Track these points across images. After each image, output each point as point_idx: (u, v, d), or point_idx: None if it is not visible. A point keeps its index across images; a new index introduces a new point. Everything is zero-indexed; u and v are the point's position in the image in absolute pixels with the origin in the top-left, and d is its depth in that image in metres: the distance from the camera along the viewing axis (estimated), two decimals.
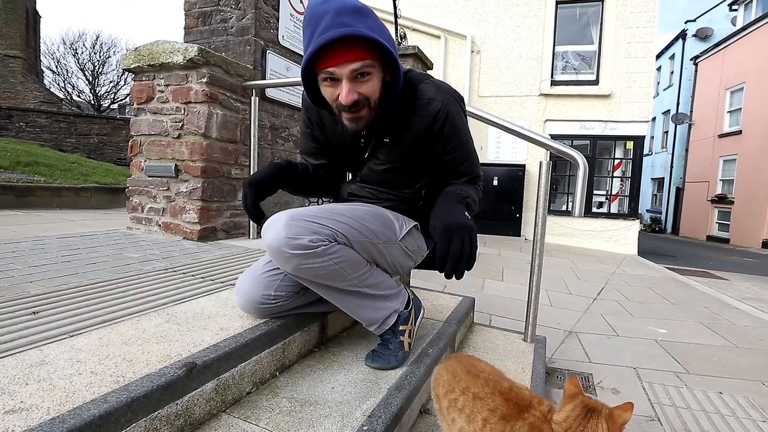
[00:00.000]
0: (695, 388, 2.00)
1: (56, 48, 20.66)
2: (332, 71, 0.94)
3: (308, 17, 0.94)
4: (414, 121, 1.09)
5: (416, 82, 1.10)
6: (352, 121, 1.02)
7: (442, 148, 1.12)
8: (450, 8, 8.43)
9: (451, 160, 1.14)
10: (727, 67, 13.48)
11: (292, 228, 0.94)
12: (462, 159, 1.15)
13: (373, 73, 0.97)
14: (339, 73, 0.94)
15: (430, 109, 1.07)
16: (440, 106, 1.07)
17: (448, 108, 1.08)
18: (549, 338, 2.28)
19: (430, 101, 1.07)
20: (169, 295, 1.28)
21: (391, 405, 0.97)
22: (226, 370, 0.91)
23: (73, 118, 10.94)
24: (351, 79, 0.95)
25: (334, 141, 1.22)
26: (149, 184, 2.42)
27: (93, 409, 0.66)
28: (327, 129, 1.22)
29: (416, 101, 1.08)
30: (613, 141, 8.14)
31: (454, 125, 1.10)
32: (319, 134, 1.25)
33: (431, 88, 1.09)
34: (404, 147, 1.12)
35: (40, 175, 4.46)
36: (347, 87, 0.95)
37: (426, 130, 1.09)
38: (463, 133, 1.14)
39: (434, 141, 1.11)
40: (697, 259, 8.51)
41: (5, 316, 1.03)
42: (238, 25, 2.59)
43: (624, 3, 7.69)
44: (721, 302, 4.01)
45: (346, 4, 0.91)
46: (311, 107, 1.19)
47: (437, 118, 1.07)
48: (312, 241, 0.95)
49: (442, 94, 1.08)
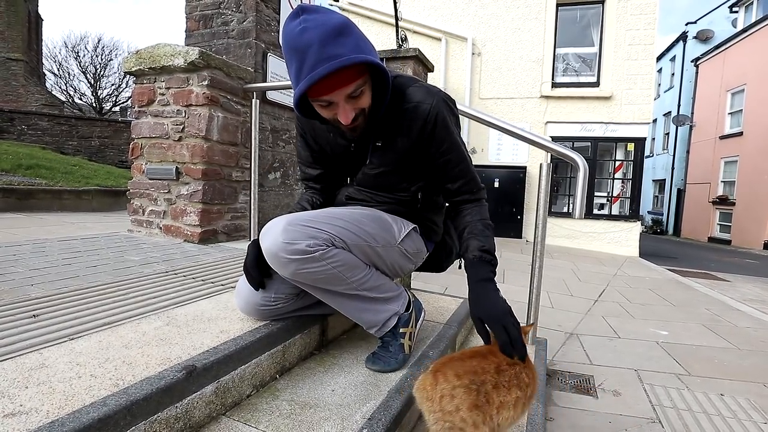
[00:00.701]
0: (696, 390, 1.99)
1: (58, 51, 20.72)
2: (328, 99, 0.94)
3: (289, 49, 0.90)
4: (404, 124, 1.09)
5: (405, 86, 1.10)
6: (350, 131, 1.04)
7: (436, 150, 1.11)
8: (451, 11, 8.45)
9: (446, 162, 1.13)
10: (728, 69, 13.48)
11: (289, 233, 0.94)
12: (457, 160, 1.13)
13: (365, 89, 0.97)
14: (335, 99, 0.94)
15: (419, 111, 1.07)
16: (429, 109, 1.07)
17: (438, 110, 1.07)
18: (550, 340, 2.28)
19: (420, 104, 1.07)
20: (169, 298, 1.28)
21: (391, 408, 0.96)
22: (225, 372, 0.91)
23: (75, 120, 10.96)
24: (347, 101, 0.96)
25: (327, 149, 1.22)
26: (150, 186, 2.42)
27: (92, 412, 0.66)
28: (320, 138, 1.22)
29: (405, 105, 1.08)
30: (614, 143, 8.14)
31: (445, 126, 1.09)
32: (313, 143, 1.25)
33: (420, 91, 1.09)
34: (396, 151, 1.12)
35: (42, 178, 4.47)
36: (344, 109, 0.96)
37: (417, 133, 1.09)
38: (455, 136, 1.13)
39: (426, 144, 1.10)
40: (698, 261, 8.49)
41: (6, 319, 1.03)
42: (239, 28, 2.60)
43: (624, 5, 7.70)
44: (722, 304, 4.00)
45: (327, 30, 0.87)
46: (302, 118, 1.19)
47: (427, 120, 1.07)
48: (309, 246, 0.94)
49: (431, 96, 1.08)
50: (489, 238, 1.11)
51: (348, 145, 1.17)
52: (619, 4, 7.72)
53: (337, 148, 1.20)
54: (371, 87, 1.00)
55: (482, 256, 1.07)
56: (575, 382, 1.99)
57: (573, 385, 1.97)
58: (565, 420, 1.67)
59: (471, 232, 1.11)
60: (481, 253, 1.07)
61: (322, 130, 1.19)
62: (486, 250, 1.08)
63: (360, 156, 1.18)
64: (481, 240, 1.09)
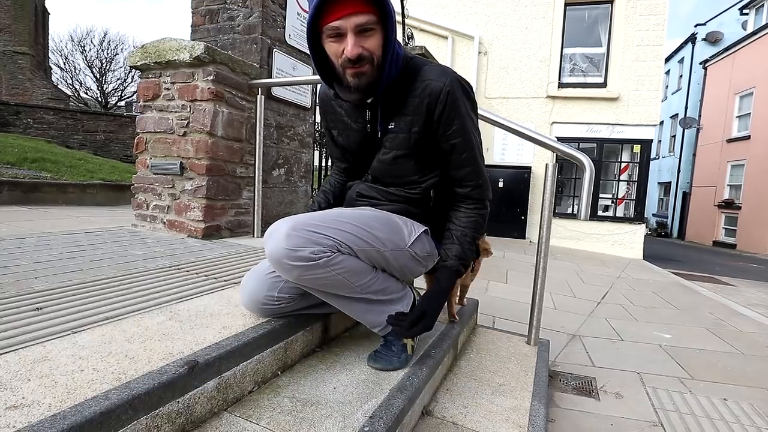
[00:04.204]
0: (700, 394, 1.98)
1: (64, 45, 20.83)
2: (338, 25, 0.95)
3: None
4: (416, 102, 1.07)
5: (421, 64, 1.09)
6: (355, 76, 1.01)
7: (443, 132, 1.09)
8: (458, 9, 8.41)
9: (452, 147, 1.10)
10: (737, 72, 13.36)
11: (293, 239, 0.92)
12: (464, 147, 1.11)
13: (376, 29, 0.97)
14: (344, 26, 0.95)
15: (430, 89, 1.06)
16: (441, 86, 1.05)
17: (450, 88, 1.05)
18: (552, 341, 2.27)
19: (432, 82, 1.06)
20: (172, 293, 1.28)
21: (392, 406, 0.96)
22: (227, 368, 0.91)
23: (80, 114, 11.02)
24: (356, 34, 0.96)
25: (344, 135, 1.23)
26: (154, 181, 2.43)
27: (94, 406, 0.65)
28: (340, 121, 1.22)
29: (418, 83, 1.07)
30: (620, 144, 8.09)
31: (456, 108, 1.07)
32: (334, 130, 1.26)
33: (435, 70, 1.08)
34: (408, 131, 1.10)
35: (47, 172, 4.49)
36: (352, 40, 0.96)
37: (426, 111, 1.07)
38: (467, 121, 1.10)
39: (436, 125, 1.09)
40: (703, 265, 8.44)
41: (10, 311, 1.03)
42: (245, 23, 2.59)
43: (634, 5, 7.64)
44: (726, 308, 3.97)
45: None
46: (326, 102, 1.23)
47: (439, 99, 1.05)
48: (314, 253, 0.93)
49: (445, 76, 1.06)
50: (472, 251, 1.20)
51: (363, 128, 1.17)
52: (628, 5, 7.66)
53: (353, 134, 1.20)
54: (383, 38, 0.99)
55: (458, 269, 1.16)
56: (577, 384, 1.98)
57: (575, 386, 1.96)
58: (566, 422, 1.66)
59: (459, 239, 1.17)
60: (458, 265, 1.16)
61: (339, 115, 1.21)
62: (465, 265, 1.18)
63: (374, 141, 1.17)
64: (466, 250, 1.17)
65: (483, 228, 1.21)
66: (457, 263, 1.15)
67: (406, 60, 1.10)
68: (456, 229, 1.17)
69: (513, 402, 1.27)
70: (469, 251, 1.17)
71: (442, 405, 1.23)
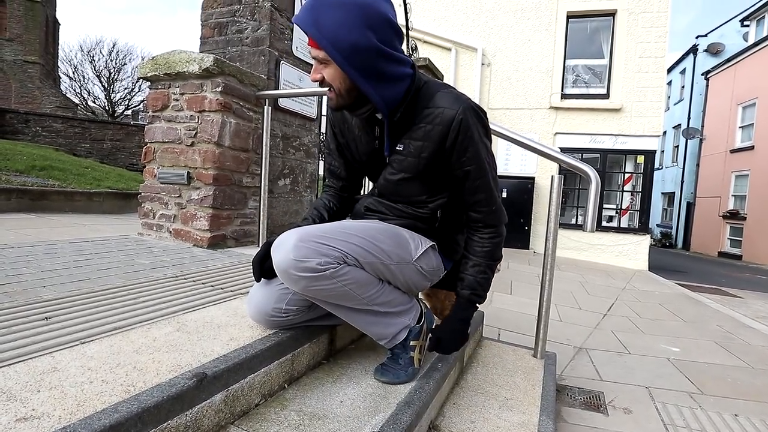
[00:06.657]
0: (710, 410, 1.95)
1: (74, 55, 21.10)
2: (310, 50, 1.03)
3: None
4: (428, 129, 1.07)
5: (434, 90, 1.09)
6: (329, 99, 1.09)
7: (457, 159, 1.09)
8: (461, 21, 8.51)
9: (466, 174, 1.11)
10: (739, 83, 13.39)
11: (301, 250, 0.93)
12: (478, 174, 1.11)
13: (330, 63, 0.99)
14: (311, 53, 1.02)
15: (443, 117, 1.05)
16: (454, 115, 1.05)
17: (463, 116, 1.05)
18: (558, 354, 2.24)
19: (445, 109, 1.06)
20: (179, 303, 1.28)
21: (400, 421, 0.95)
22: (235, 381, 0.91)
23: (88, 123, 11.13)
24: (318, 62, 1.02)
25: (353, 146, 1.24)
26: (161, 190, 2.44)
27: (104, 419, 0.65)
28: (348, 132, 1.24)
29: (431, 109, 1.07)
30: (624, 155, 8.10)
31: (469, 136, 1.07)
32: (340, 136, 1.26)
33: (448, 97, 1.07)
34: (417, 156, 1.10)
35: (54, 180, 4.53)
36: (314, 67, 1.04)
37: (439, 139, 1.07)
38: (481, 148, 1.10)
39: (449, 152, 1.08)
40: (708, 276, 8.36)
41: (19, 320, 1.04)
42: (254, 36, 2.63)
43: (636, 18, 7.70)
44: (734, 321, 3.92)
45: None
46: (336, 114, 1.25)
47: (451, 127, 1.05)
48: (321, 264, 0.93)
49: (458, 103, 1.06)
50: (488, 280, 1.18)
51: (372, 142, 1.17)
52: (630, 17, 7.73)
53: (362, 146, 1.20)
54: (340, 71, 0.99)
55: (472, 299, 1.17)
56: (585, 399, 1.96)
57: (583, 401, 1.93)
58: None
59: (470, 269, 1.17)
60: (470, 295, 1.16)
61: (350, 125, 1.22)
62: (479, 295, 1.17)
63: (382, 158, 1.18)
64: (480, 280, 1.16)
65: (498, 255, 1.19)
66: (469, 293, 1.16)
67: (420, 83, 1.09)
68: (470, 259, 1.17)
69: (521, 417, 1.25)
70: (484, 280, 1.17)
71: (449, 420, 1.21)
